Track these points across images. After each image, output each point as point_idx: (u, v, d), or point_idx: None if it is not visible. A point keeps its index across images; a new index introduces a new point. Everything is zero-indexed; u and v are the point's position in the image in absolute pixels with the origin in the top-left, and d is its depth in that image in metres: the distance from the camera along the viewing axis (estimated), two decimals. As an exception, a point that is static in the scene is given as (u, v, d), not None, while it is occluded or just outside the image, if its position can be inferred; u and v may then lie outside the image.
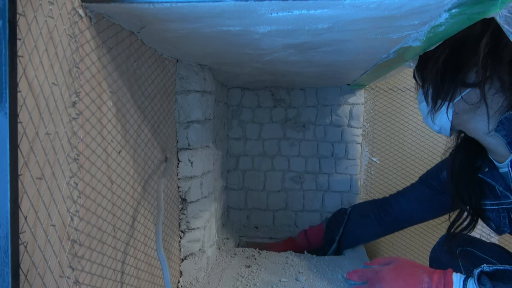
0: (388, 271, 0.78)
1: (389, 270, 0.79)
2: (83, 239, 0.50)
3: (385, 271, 0.79)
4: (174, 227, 0.87)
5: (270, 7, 0.48)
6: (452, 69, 0.69)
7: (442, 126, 0.76)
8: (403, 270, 0.77)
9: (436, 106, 0.73)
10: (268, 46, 0.70)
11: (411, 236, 1.42)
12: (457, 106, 0.71)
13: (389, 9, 0.48)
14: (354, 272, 0.86)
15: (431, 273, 0.74)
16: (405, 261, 0.81)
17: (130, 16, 0.54)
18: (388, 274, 0.77)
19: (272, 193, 1.44)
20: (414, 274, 0.75)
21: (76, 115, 0.48)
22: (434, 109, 0.73)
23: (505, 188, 0.74)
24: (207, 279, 0.95)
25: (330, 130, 1.39)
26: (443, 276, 0.71)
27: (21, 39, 0.37)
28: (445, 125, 0.75)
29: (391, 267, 0.79)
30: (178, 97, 0.88)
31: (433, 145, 1.38)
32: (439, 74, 0.71)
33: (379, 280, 0.77)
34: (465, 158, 0.82)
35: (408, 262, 0.80)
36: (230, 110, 1.43)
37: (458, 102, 0.71)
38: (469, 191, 0.82)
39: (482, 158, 0.79)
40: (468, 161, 0.82)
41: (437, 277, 0.71)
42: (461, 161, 0.83)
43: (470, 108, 0.70)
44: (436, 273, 0.73)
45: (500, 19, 0.47)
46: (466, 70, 0.68)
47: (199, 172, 0.93)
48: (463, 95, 0.69)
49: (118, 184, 0.60)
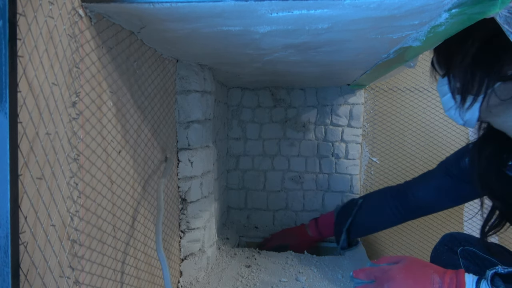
0: (398, 270, 0.75)
1: (399, 269, 0.75)
2: (83, 239, 0.50)
3: (394, 270, 0.75)
4: (174, 227, 0.87)
5: (270, 7, 0.48)
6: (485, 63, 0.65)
7: (468, 120, 0.71)
8: (413, 269, 0.74)
9: (465, 102, 0.69)
10: (268, 46, 0.70)
11: (411, 236, 1.43)
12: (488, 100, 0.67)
13: (389, 9, 0.48)
14: (361, 270, 0.83)
15: (442, 273, 0.71)
16: (415, 259, 0.78)
17: (130, 16, 0.54)
18: (398, 273, 0.74)
19: (272, 193, 1.44)
20: (425, 273, 0.72)
21: (76, 115, 0.48)
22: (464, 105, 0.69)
23: None
24: (207, 279, 0.95)
25: (330, 130, 1.39)
26: (455, 276, 0.69)
27: (21, 39, 0.37)
28: (472, 118, 0.71)
29: (400, 266, 0.76)
30: (178, 97, 0.88)
31: (433, 145, 1.38)
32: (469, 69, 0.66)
33: (388, 279, 0.74)
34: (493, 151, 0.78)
35: (418, 261, 0.77)
36: (230, 110, 1.43)
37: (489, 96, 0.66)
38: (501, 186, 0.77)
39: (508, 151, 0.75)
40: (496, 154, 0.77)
41: (448, 278, 0.69)
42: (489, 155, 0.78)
43: (502, 102, 0.66)
44: (448, 273, 0.70)
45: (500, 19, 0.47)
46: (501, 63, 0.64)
47: (199, 172, 0.93)
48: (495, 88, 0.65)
49: (118, 184, 0.60)
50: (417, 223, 1.42)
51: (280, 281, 0.94)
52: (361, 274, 0.82)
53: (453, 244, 0.90)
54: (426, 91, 1.38)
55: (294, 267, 1.03)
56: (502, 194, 0.77)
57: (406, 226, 1.42)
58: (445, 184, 0.99)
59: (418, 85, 1.38)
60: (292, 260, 1.08)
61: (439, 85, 0.75)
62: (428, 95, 1.38)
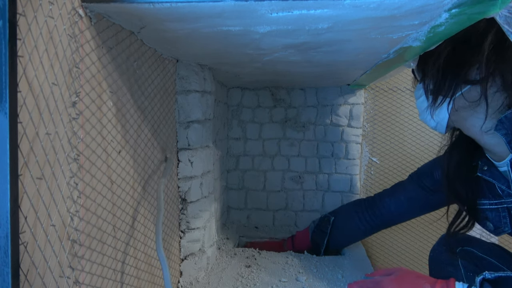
0: (390, 281, 0.79)
1: (391, 280, 0.79)
2: (83, 239, 0.50)
3: (387, 282, 0.79)
4: (174, 227, 0.87)
5: (270, 7, 0.48)
6: (454, 65, 0.69)
7: (439, 122, 0.75)
8: (405, 280, 0.78)
9: (436, 102, 0.73)
10: (268, 46, 0.70)
11: (411, 236, 1.43)
12: (457, 102, 0.71)
13: (389, 9, 0.48)
14: (355, 283, 0.87)
15: (433, 283, 0.74)
16: (407, 271, 0.81)
17: (130, 16, 0.54)
18: (390, 285, 0.78)
19: (272, 193, 1.44)
20: (417, 284, 0.75)
21: (76, 115, 0.48)
22: (434, 105, 0.73)
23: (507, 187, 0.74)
24: (207, 279, 0.95)
25: (330, 130, 1.39)
26: (445, 285, 0.72)
27: (21, 39, 0.37)
28: (442, 122, 0.74)
29: (393, 278, 0.80)
30: (178, 97, 0.88)
31: (433, 145, 1.38)
32: (440, 70, 0.70)
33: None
34: (462, 156, 0.81)
35: (410, 272, 0.81)
36: (230, 110, 1.43)
37: (458, 99, 0.70)
38: (466, 190, 0.81)
39: (478, 157, 0.79)
40: (465, 160, 0.81)
41: (439, 287, 0.72)
42: (458, 160, 0.82)
43: (469, 105, 0.69)
44: (439, 283, 0.73)
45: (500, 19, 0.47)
46: (468, 67, 0.67)
47: (199, 172, 0.93)
48: (463, 91, 0.69)
49: (118, 184, 0.60)
50: (416, 223, 1.42)
51: (280, 281, 0.94)
52: (355, 286, 0.86)
53: (452, 244, 0.91)
54: (426, 91, 1.38)
55: (294, 267, 1.03)
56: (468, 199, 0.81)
57: (405, 226, 1.42)
58: (417, 196, 1.03)
59: (418, 85, 1.38)
60: (292, 260, 1.08)
61: (416, 90, 0.79)
62: (428, 95, 1.38)
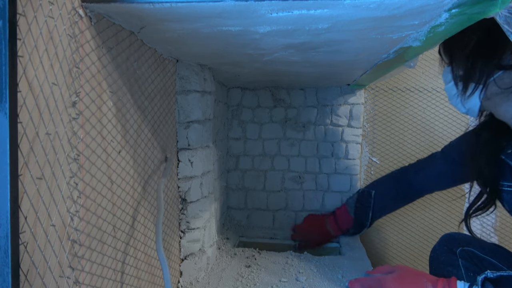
0: (392, 279, 0.79)
1: (392, 278, 0.79)
2: (83, 239, 0.50)
3: (388, 280, 0.79)
4: (174, 227, 0.87)
5: (270, 7, 0.48)
6: (484, 52, 0.67)
7: (470, 108, 0.73)
8: (406, 278, 0.78)
9: (467, 89, 0.71)
10: (268, 46, 0.70)
11: (411, 236, 1.43)
12: (489, 89, 0.69)
13: (389, 9, 0.48)
14: (356, 280, 0.87)
15: (435, 281, 0.74)
16: (408, 269, 0.81)
17: (130, 16, 0.54)
18: (392, 283, 0.78)
19: (272, 193, 1.44)
20: (418, 282, 0.75)
21: (76, 115, 0.48)
22: (465, 94, 0.71)
23: None
24: (207, 279, 0.95)
25: (330, 130, 1.39)
26: (447, 284, 0.72)
27: (21, 39, 0.37)
28: (474, 107, 0.73)
29: (394, 276, 0.80)
30: (178, 97, 0.88)
31: (433, 145, 1.38)
32: (470, 58, 0.69)
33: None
34: (490, 137, 0.80)
35: (411, 271, 0.81)
36: (230, 110, 1.43)
37: (490, 86, 0.68)
38: (490, 170, 0.80)
39: (507, 139, 0.77)
40: (492, 141, 0.79)
41: (441, 285, 0.72)
42: (485, 140, 0.80)
43: (502, 91, 0.68)
44: (440, 281, 0.73)
45: (500, 19, 0.47)
46: (500, 53, 0.66)
47: (199, 172, 0.93)
48: (495, 77, 0.67)
49: (118, 184, 0.60)
50: (416, 223, 1.42)
51: (280, 281, 0.94)
52: (356, 284, 0.86)
53: (452, 244, 0.91)
54: (426, 91, 1.38)
55: (294, 267, 1.03)
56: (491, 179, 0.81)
57: (405, 226, 1.42)
58: (446, 170, 1.05)
59: (418, 85, 1.38)
60: (292, 260, 1.08)
61: (444, 73, 0.77)
62: (428, 95, 1.38)
